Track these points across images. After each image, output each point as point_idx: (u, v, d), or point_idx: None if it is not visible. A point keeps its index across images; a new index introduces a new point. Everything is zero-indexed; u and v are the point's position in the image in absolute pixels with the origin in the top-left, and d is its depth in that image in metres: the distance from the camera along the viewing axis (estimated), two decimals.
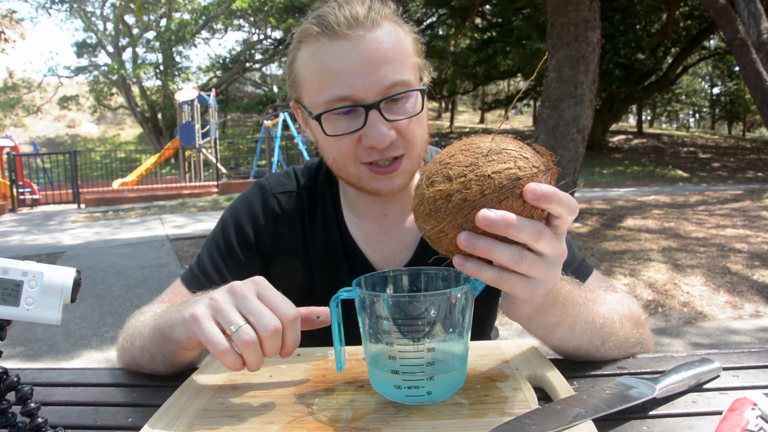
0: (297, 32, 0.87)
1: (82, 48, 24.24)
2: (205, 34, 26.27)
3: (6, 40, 17.10)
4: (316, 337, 1.05)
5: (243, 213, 1.02)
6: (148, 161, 17.28)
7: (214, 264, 0.98)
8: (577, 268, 0.96)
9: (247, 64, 27.31)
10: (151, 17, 22.66)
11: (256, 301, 0.64)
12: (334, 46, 0.81)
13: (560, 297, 0.69)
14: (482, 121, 32.66)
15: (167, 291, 1.00)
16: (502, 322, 3.84)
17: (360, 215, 1.00)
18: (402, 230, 1.00)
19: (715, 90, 38.46)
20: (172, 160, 20.01)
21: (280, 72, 29.98)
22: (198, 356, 0.83)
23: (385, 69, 0.81)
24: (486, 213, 0.54)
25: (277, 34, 25.24)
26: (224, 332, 0.63)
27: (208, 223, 8.74)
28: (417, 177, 1.01)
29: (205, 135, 16.91)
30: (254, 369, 0.63)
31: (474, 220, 0.55)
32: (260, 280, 0.67)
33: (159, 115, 23.52)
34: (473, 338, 0.87)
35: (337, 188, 1.03)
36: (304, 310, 0.70)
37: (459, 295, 0.62)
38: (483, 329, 1.10)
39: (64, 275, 0.58)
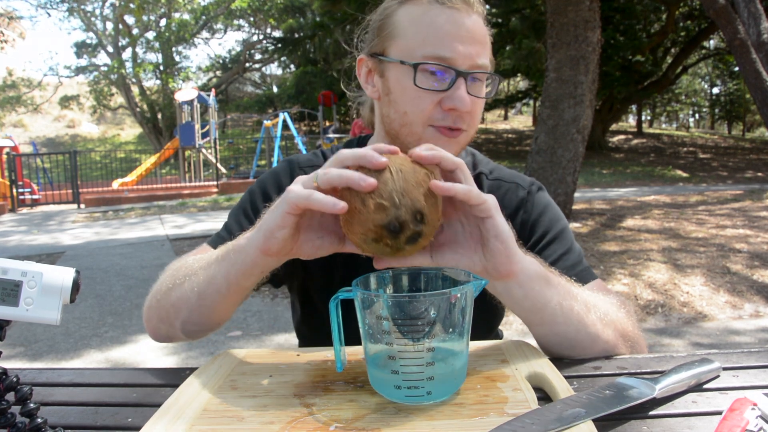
0: None
1: (81, 48, 24.24)
2: (204, 34, 26.29)
3: (5, 40, 17.10)
4: (316, 338, 1.05)
5: (270, 182, 1.05)
6: (148, 161, 17.28)
7: (239, 225, 1.01)
8: (579, 272, 0.97)
9: (247, 64, 27.33)
10: (151, 17, 22.66)
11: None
12: (447, 12, 0.88)
13: (540, 274, 0.76)
14: (482, 120, 32.62)
15: (194, 251, 1.01)
16: (502, 322, 3.84)
17: None
18: None
19: (715, 90, 38.49)
20: (172, 160, 20.00)
21: (279, 72, 30.00)
22: (247, 290, 0.84)
23: (480, 48, 0.90)
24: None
25: (277, 34, 25.25)
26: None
27: (208, 223, 8.74)
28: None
29: (204, 135, 16.91)
30: (365, 186, 0.65)
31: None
32: None
33: (159, 115, 23.51)
34: (482, 337, 0.88)
35: None
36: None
37: (459, 295, 0.62)
38: (491, 328, 1.11)
39: (63, 275, 0.58)
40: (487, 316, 1.06)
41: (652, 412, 0.64)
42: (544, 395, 0.68)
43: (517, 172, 1.10)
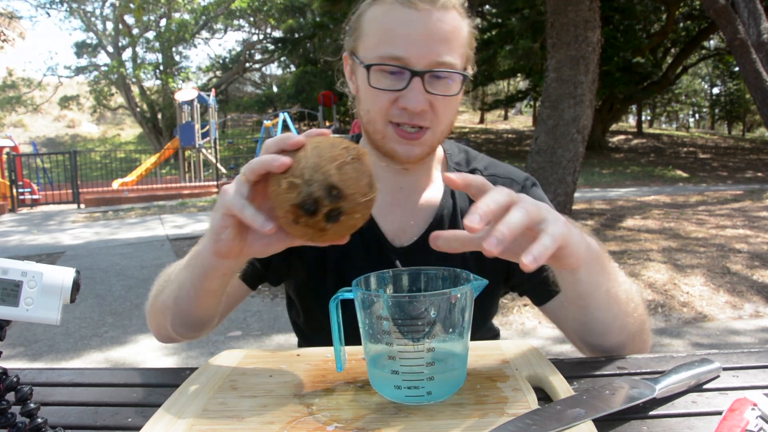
0: None
1: (81, 48, 24.23)
2: (204, 34, 26.30)
3: (5, 40, 17.10)
4: (316, 338, 1.05)
5: None
6: (148, 161, 17.28)
7: None
8: None
9: (247, 64, 27.33)
10: (151, 17, 22.66)
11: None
12: (404, 12, 0.88)
13: (597, 259, 0.74)
14: (482, 121, 32.65)
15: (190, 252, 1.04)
16: (502, 322, 3.84)
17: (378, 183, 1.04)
18: (415, 205, 1.03)
19: (715, 90, 38.50)
20: (172, 160, 20.00)
21: (279, 72, 30.00)
22: (218, 295, 0.86)
23: (440, 47, 0.88)
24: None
25: (277, 34, 25.26)
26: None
27: (208, 223, 8.72)
28: (438, 151, 1.06)
29: (204, 135, 16.91)
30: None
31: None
32: None
33: (159, 115, 23.51)
34: (475, 329, 0.87)
35: None
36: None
37: (459, 295, 0.62)
38: (485, 320, 1.11)
39: (63, 275, 0.58)
40: (481, 307, 1.06)
41: (652, 413, 0.64)
42: (544, 395, 0.68)
43: (512, 167, 1.10)
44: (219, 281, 0.82)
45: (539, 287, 1.00)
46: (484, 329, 1.13)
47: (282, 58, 26.33)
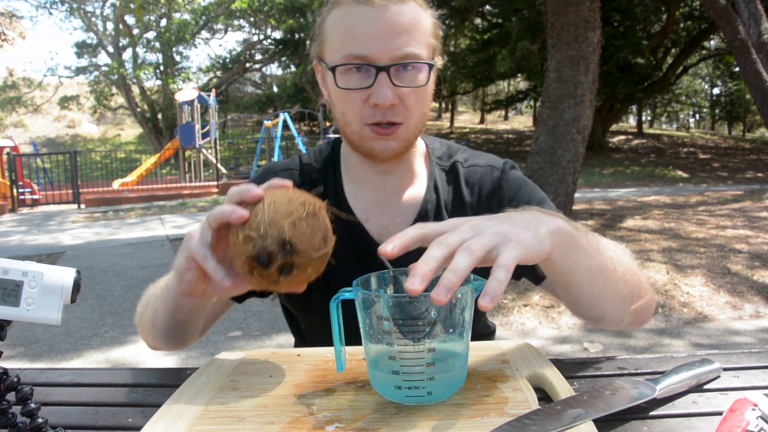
0: None
1: (82, 48, 24.23)
2: (205, 34, 26.29)
3: (5, 40, 17.10)
4: (314, 340, 1.05)
5: None
6: (148, 161, 17.27)
7: None
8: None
9: (247, 65, 27.33)
10: (151, 17, 22.66)
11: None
12: (361, 11, 0.89)
13: (569, 239, 0.71)
14: (482, 121, 32.65)
15: None
16: (502, 322, 3.84)
17: (360, 184, 1.04)
18: (400, 203, 1.03)
19: (715, 90, 38.48)
20: (172, 161, 20.01)
21: (280, 72, 30.00)
22: (191, 322, 0.88)
23: (402, 39, 0.89)
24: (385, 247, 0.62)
25: (278, 35, 25.26)
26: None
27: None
28: (420, 146, 1.06)
29: (205, 135, 16.91)
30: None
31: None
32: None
33: (159, 116, 23.50)
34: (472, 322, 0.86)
35: (338, 163, 1.07)
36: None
37: (459, 296, 0.62)
38: (480, 315, 1.11)
39: (64, 275, 0.58)
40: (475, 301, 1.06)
41: (652, 413, 0.64)
42: (544, 395, 0.68)
43: (492, 155, 1.10)
44: (189, 314, 0.85)
45: (531, 271, 0.98)
46: (479, 325, 1.13)
47: (283, 59, 26.33)
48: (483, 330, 1.15)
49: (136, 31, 23.49)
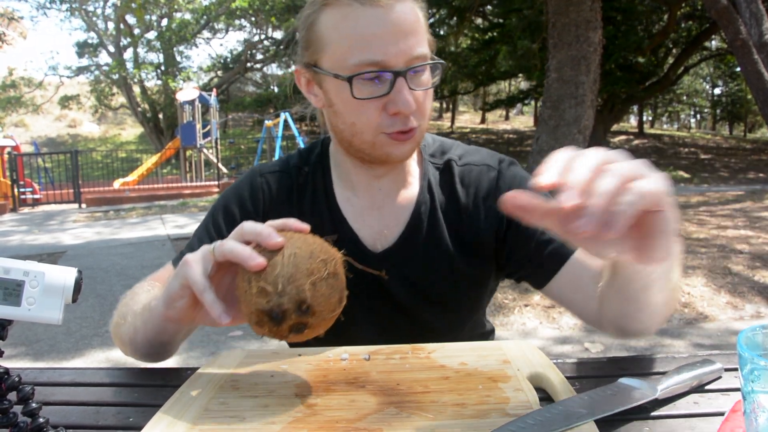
0: None
1: (83, 48, 24.25)
2: (206, 33, 26.26)
3: (5, 41, 17.11)
4: (317, 338, 1.05)
5: (231, 195, 1.04)
6: (149, 161, 17.29)
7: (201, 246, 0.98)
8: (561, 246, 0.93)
9: (248, 64, 27.31)
10: (152, 17, 22.67)
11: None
12: (368, 12, 0.82)
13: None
14: (483, 121, 32.63)
15: (159, 271, 1.03)
16: (503, 322, 3.84)
17: (354, 189, 1.00)
18: (394, 206, 0.99)
19: (717, 90, 38.42)
20: (173, 160, 20.01)
21: (280, 72, 29.99)
22: (173, 343, 0.85)
23: (412, 40, 0.85)
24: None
25: (278, 34, 25.26)
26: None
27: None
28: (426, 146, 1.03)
29: (206, 135, 16.91)
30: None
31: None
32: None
33: (160, 115, 23.52)
34: (466, 318, 0.83)
35: (328, 166, 1.03)
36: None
37: None
38: (474, 310, 1.06)
39: (65, 275, 0.58)
40: (470, 296, 1.02)
41: (653, 413, 0.63)
42: (545, 396, 0.68)
43: (487, 150, 1.06)
44: (173, 336, 0.82)
45: (541, 267, 0.94)
46: (472, 322, 1.08)
47: (283, 59, 26.32)
48: (478, 329, 1.11)
49: (137, 31, 23.51)
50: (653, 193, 0.52)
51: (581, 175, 0.50)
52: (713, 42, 26.19)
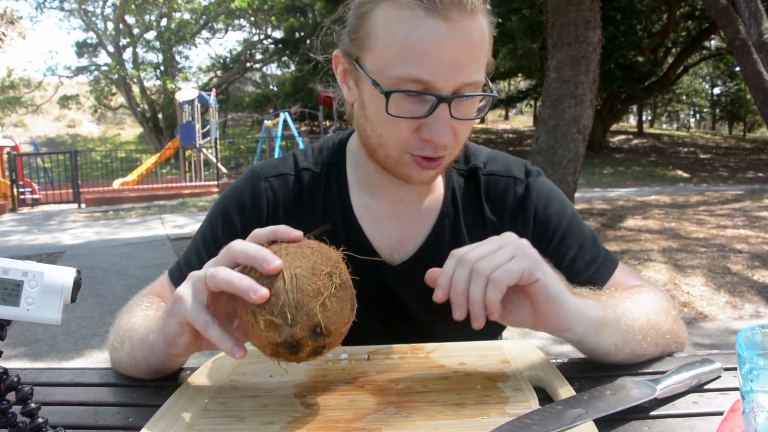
0: None
1: (82, 48, 24.25)
2: (205, 33, 26.28)
3: (4, 41, 17.09)
4: None
5: (231, 202, 0.95)
6: (149, 161, 17.28)
7: (199, 260, 0.90)
8: (601, 264, 0.93)
9: (248, 64, 27.31)
10: (152, 17, 22.67)
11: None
12: (430, 24, 0.72)
13: (594, 320, 0.71)
14: (482, 120, 32.62)
15: (155, 283, 0.97)
16: None
17: (373, 193, 0.93)
18: (415, 215, 0.93)
19: (716, 90, 38.43)
20: (173, 160, 20.00)
21: (279, 72, 29.97)
22: (178, 364, 0.82)
23: (469, 66, 0.76)
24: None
25: (278, 34, 25.25)
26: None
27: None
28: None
29: (205, 135, 16.91)
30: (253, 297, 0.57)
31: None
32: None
33: (159, 115, 23.51)
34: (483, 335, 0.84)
35: (344, 167, 0.95)
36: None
37: None
38: (495, 332, 1.04)
39: (64, 275, 0.58)
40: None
41: (653, 413, 0.63)
42: (545, 396, 0.68)
43: (513, 158, 1.01)
44: (177, 362, 0.79)
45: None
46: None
47: (282, 58, 26.31)
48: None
49: (136, 31, 23.50)
50: (511, 271, 0.63)
51: (447, 272, 0.66)
52: (712, 42, 26.20)
